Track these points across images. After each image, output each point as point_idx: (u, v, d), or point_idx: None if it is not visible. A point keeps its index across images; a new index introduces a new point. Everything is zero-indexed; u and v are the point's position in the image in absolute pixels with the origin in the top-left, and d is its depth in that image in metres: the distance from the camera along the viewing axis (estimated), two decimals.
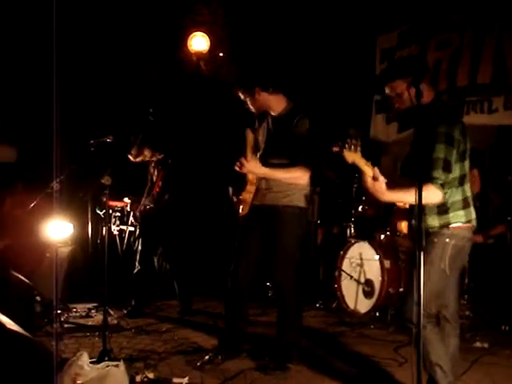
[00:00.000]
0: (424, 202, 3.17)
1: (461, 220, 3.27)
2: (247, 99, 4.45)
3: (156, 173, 6.19)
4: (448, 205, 3.25)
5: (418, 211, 2.62)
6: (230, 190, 4.71)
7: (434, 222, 3.28)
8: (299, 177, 4.29)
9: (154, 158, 6.17)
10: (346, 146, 3.12)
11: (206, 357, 4.39)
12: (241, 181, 4.51)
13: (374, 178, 3.18)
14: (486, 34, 6.58)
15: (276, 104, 4.45)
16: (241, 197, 4.48)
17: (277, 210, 4.31)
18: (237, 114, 4.89)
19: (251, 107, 4.47)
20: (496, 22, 6.49)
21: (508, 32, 6.35)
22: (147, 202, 6.20)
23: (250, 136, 4.45)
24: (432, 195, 3.15)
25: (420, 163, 3.03)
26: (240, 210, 4.48)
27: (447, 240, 3.25)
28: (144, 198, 6.26)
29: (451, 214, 3.26)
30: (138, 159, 6.16)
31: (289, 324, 4.40)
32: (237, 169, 4.23)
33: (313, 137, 4.34)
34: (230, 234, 4.77)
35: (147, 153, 6.11)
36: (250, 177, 4.42)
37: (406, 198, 3.18)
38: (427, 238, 3.25)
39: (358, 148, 3.14)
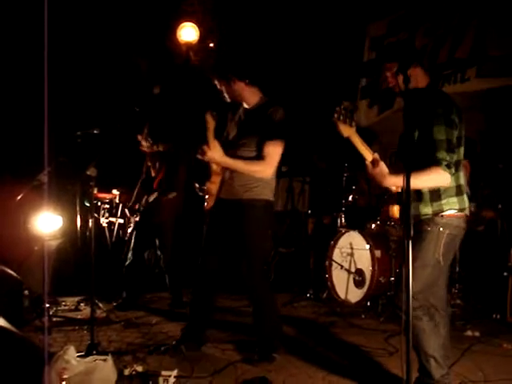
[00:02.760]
0: (433, 185, 3.16)
1: (454, 207, 3.24)
2: (222, 87, 4.35)
3: (158, 165, 6.10)
4: (441, 191, 3.22)
5: (406, 198, 2.57)
6: (196, 186, 4.62)
7: (426, 209, 3.25)
8: (259, 171, 4.19)
9: (160, 149, 6.08)
10: (341, 117, 3.06)
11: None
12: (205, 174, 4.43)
13: (374, 162, 3.14)
14: (471, 19, 6.58)
15: (250, 96, 4.36)
16: (205, 187, 4.39)
17: (242, 204, 4.21)
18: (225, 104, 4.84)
19: (225, 95, 4.37)
20: (481, 6, 6.49)
21: (492, 17, 6.36)
22: (151, 197, 6.09)
23: (210, 121, 4.24)
24: (441, 178, 3.13)
25: (410, 148, 3.00)
26: (205, 203, 4.39)
27: (441, 229, 3.22)
28: (137, 189, 6.18)
29: (444, 201, 3.23)
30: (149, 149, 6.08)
31: (265, 315, 4.36)
32: (199, 156, 4.16)
33: (287, 129, 4.27)
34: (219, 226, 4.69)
35: (160, 145, 6.03)
36: (215, 167, 4.32)
37: (412, 182, 3.12)
38: (420, 225, 3.24)
39: (353, 122, 3.09)
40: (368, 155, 3.19)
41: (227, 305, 6.17)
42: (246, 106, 4.42)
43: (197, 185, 4.59)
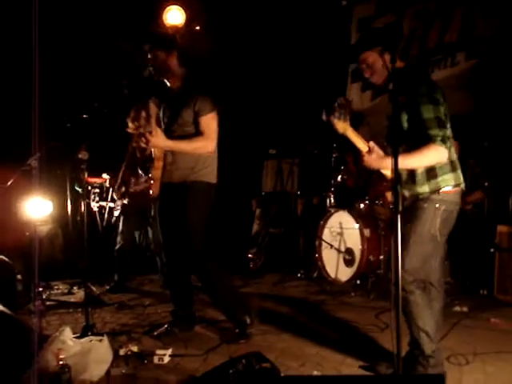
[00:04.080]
0: (433, 162, 3.21)
1: (450, 183, 3.28)
2: (156, 58, 4.26)
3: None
4: (436, 169, 3.26)
5: (394, 178, 2.61)
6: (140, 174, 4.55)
7: (424, 187, 3.29)
8: (200, 147, 4.19)
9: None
10: (336, 114, 3.11)
11: (162, 328, 4.44)
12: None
13: (370, 151, 3.19)
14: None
15: (178, 76, 4.33)
16: (150, 175, 4.37)
17: (185, 186, 4.22)
18: (214, 87, 4.84)
19: (152, 68, 4.28)
20: None
21: None
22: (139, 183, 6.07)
23: (153, 108, 4.24)
24: (438, 154, 3.17)
25: (397, 129, 3.04)
26: (151, 190, 4.36)
27: (437, 205, 3.26)
28: (122, 172, 6.17)
29: (440, 178, 3.26)
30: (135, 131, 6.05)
31: (221, 294, 4.36)
32: (142, 145, 4.14)
33: (216, 102, 4.26)
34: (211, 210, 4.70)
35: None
36: (157, 152, 4.29)
37: (410, 162, 3.17)
38: (416, 202, 3.29)
39: (348, 117, 3.14)
40: (363, 147, 3.24)
41: None
42: (170, 85, 4.37)
43: (140, 172, 4.55)
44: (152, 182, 4.34)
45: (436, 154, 3.17)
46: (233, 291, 4.50)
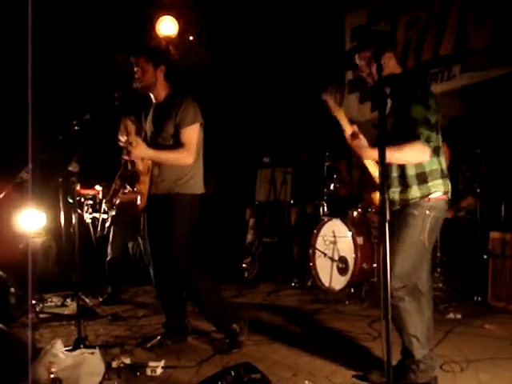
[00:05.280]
0: (413, 160, 3.22)
1: (440, 189, 3.29)
2: (141, 69, 4.26)
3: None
4: (427, 173, 3.27)
5: (381, 180, 2.60)
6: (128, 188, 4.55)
7: (415, 192, 3.29)
8: (179, 158, 4.20)
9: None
10: (330, 93, 3.15)
11: (155, 340, 4.42)
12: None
13: (354, 135, 3.20)
14: (450, 7, 6.65)
15: (161, 89, 4.35)
16: (136, 189, 4.37)
17: (169, 198, 4.24)
18: (211, 96, 4.84)
19: (137, 80, 4.27)
20: None
21: (470, 2, 6.43)
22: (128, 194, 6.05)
23: (129, 125, 4.14)
24: (420, 152, 3.16)
25: (384, 135, 3.04)
26: (138, 203, 4.36)
27: (427, 212, 3.27)
28: (114, 183, 6.18)
29: (430, 183, 3.27)
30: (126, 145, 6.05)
31: (207, 304, 4.36)
32: (125, 157, 4.19)
33: (200, 115, 4.28)
34: (205, 220, 4.71)
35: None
36: (141, 167, 4.29)
37: (390, 155, 3.14)
38: (406, 209, 3.30)
39: (340, 99, 3.18)
40: (348, 128, 3.26)
41: None
42: (153, 99, 4.42)
43: (128, 187, 4.55)
44: (138, 195, 4.35)
45: (418, 152, 3.16)
46: (220, 301, 4.47)
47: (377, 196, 3.61)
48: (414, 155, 3.19)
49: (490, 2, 6.23)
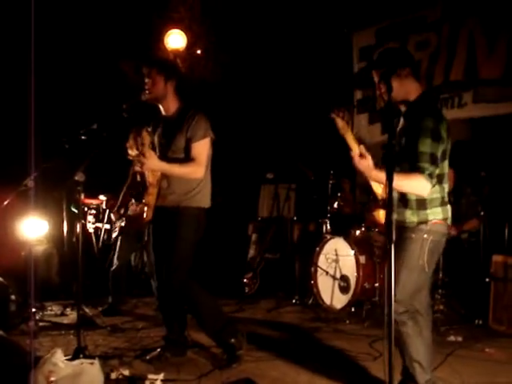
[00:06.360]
0: (412, 192, 3.22)
1: (438, 217, 3.30)
2: (152, 81, 4.28)
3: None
4: (427, 201, 3.27)
5: (388, 204, 2.61)
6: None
7: (412, 217, 3.30)
8: (190, 172, 4.21)
9: None
10: (340, 113, 3.17)
11: (155, 352, 4.40)
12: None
13: (361, 156, 3.20)
14: (459, 30, 6.66)
15: (171, 102, 4.38)
16: (144, 201, 4.35)
17: (177, 211, 4.25)
18: (216, 110, 4.86)
19: (147, 92, 4.29)
20: (469, 16, 6.57)
21: (480, 27, 6.44)
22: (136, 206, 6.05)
23: (145, 137, 4.17)
24: (421, 186, 3.16)
25: (392, 156, 3.04)
26: (144, 215, 4.35)
27: (425, 236, 3.27)
28: (122, 194, 6.17)
29: (429, 211, 3.28)
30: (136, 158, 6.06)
31: (206, 318, 4.34)
32: (137, 169, 4.20)
33: (210, 130, 4.31)
34: (207, 234, 4.70)
35: None
36: (151, 179, 4.31)
37: (394, 182, 3.14)
38: (404, 232, 3.29)
39: (349, 121, 3.20)
40: (355, 148, 3.28)
41: None
42: (163, 113, 4.43)
43: (133, 201, 4.55)
44: (146, 207, 4.34)
45: (419, 186, 3.17)
46: (219, 315, 4.45)
47: (379, 213, 3.62)
48: (413, 188, 3.21)
49: (500, 26, 6.24)
